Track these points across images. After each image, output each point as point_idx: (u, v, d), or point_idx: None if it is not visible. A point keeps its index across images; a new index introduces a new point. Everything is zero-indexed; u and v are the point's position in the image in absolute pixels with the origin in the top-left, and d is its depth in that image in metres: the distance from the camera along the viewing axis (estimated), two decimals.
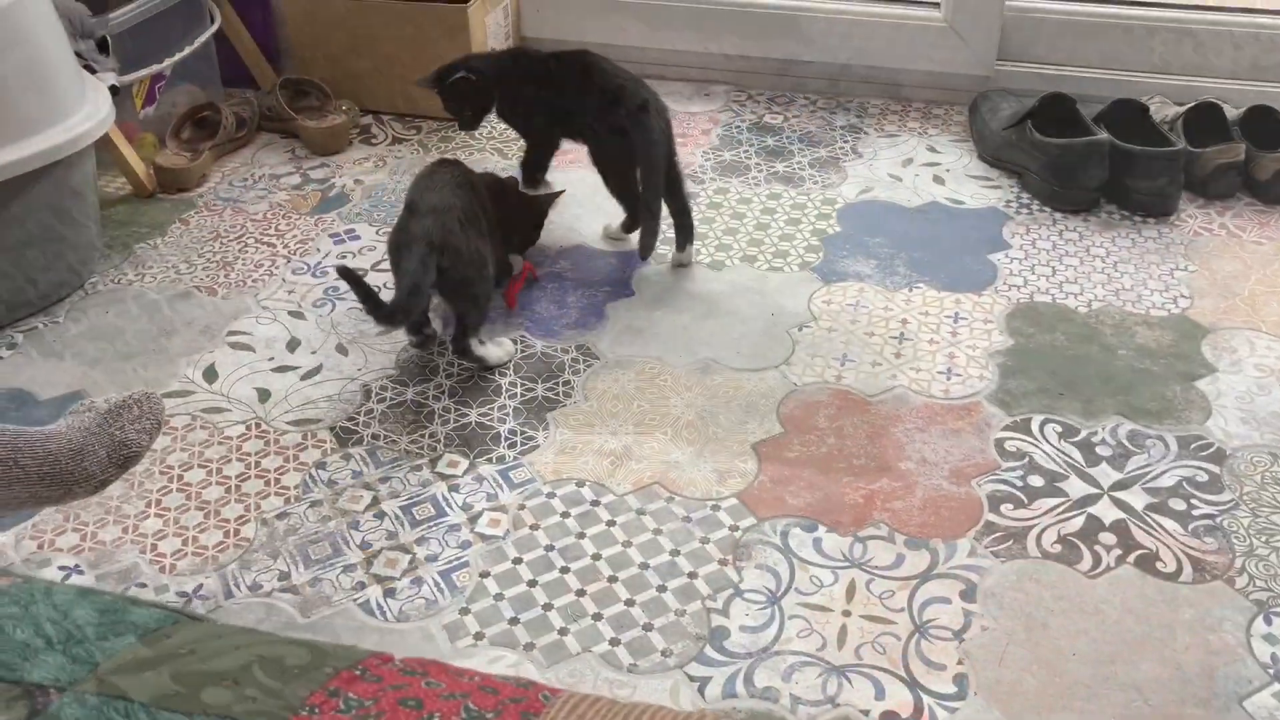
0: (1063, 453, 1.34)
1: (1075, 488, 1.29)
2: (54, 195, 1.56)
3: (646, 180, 1.59)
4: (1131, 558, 1.20)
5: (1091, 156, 1.75)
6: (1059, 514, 1.26)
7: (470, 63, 1.69)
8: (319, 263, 1.71)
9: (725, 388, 1.45)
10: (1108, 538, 1.22)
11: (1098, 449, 1.34)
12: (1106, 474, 1.31)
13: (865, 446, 1.34)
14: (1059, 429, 1.37)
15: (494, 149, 2.00)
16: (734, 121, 2.08)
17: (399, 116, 2.10)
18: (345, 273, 1.36)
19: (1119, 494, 1.28)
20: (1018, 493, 1.28)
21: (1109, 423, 1.38)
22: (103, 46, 1.80)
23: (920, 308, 1.58)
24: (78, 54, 1.70)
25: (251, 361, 1.51)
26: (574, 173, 1.85)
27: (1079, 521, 1.25)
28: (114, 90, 1.72)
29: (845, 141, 2.01)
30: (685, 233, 1.67)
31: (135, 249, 1.75)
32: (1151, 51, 2.02)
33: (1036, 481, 1.30)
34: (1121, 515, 1.25)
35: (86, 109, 1.59)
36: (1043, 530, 1.23)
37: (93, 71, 1.74)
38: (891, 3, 2.11)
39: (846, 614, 1.14)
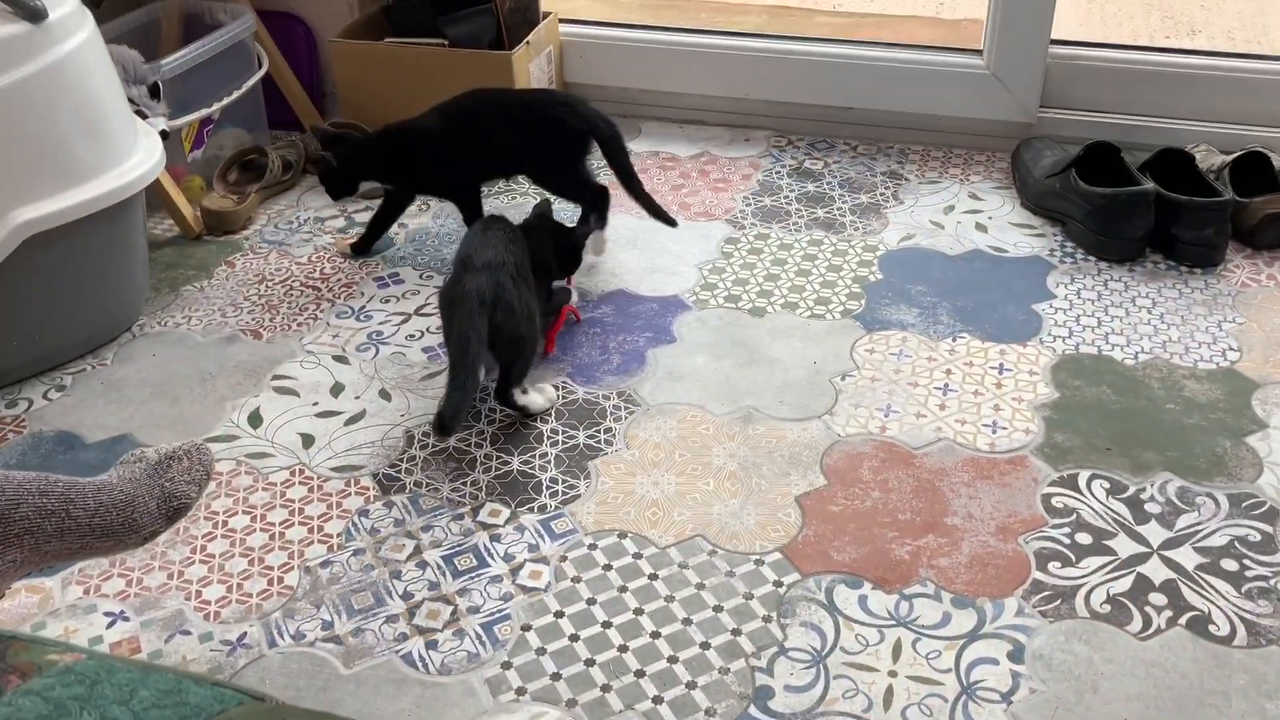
0: (1111, 510, 1.32)
1: (1124, 546, 1.27)
2: (105, 239, 1.59)
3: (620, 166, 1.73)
4: (1183, 620, 1.18)
5: (1137, 206, 1.74)
6: (1108, 573, 1.24)
7: (342, 138, 1.79)
8: (363, 307, 1.72)
9: (767, 437, 1.44)
10: (1158, 598, 1.21)
11: (1146, 506, 1.32)
12: (1156, 532, 1.29)
13: (910, 501, 1.33)
14: (1107, 485, 1.35)
15: (537, 193, 2.01)
16: (774, 167, 2.08)
17: None
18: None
19: (1169, 553, 1.26)
20: (1065, 550, 1.27)
21: (1158, 479, 1.36)
22: (154, 92, 1.83)
23: (964, 358, 1.57)
24: (130, 100, 1.73)
25: (295, 406, 1.52)
26: (616, 218, 1.86)
27: (1128, 581, 1.23)
28: (164, 135, 1.75)
29: (886, 188, 2.00)
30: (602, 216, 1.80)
31: (182, 291, 1.77)
32: (1197, 99, 2.01)
33: (1084, 539, 1.28)
34: (1172, 575, 1.23)
35: (138, 155, 1.61)
36: (1091, 590, 1.22)
37: (144, 117, 1.77)
38: (933, 50, 2.12)
39: (893, 674, 1.13)
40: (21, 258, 1.48)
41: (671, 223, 1.75)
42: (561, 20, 2.21)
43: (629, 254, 1.82)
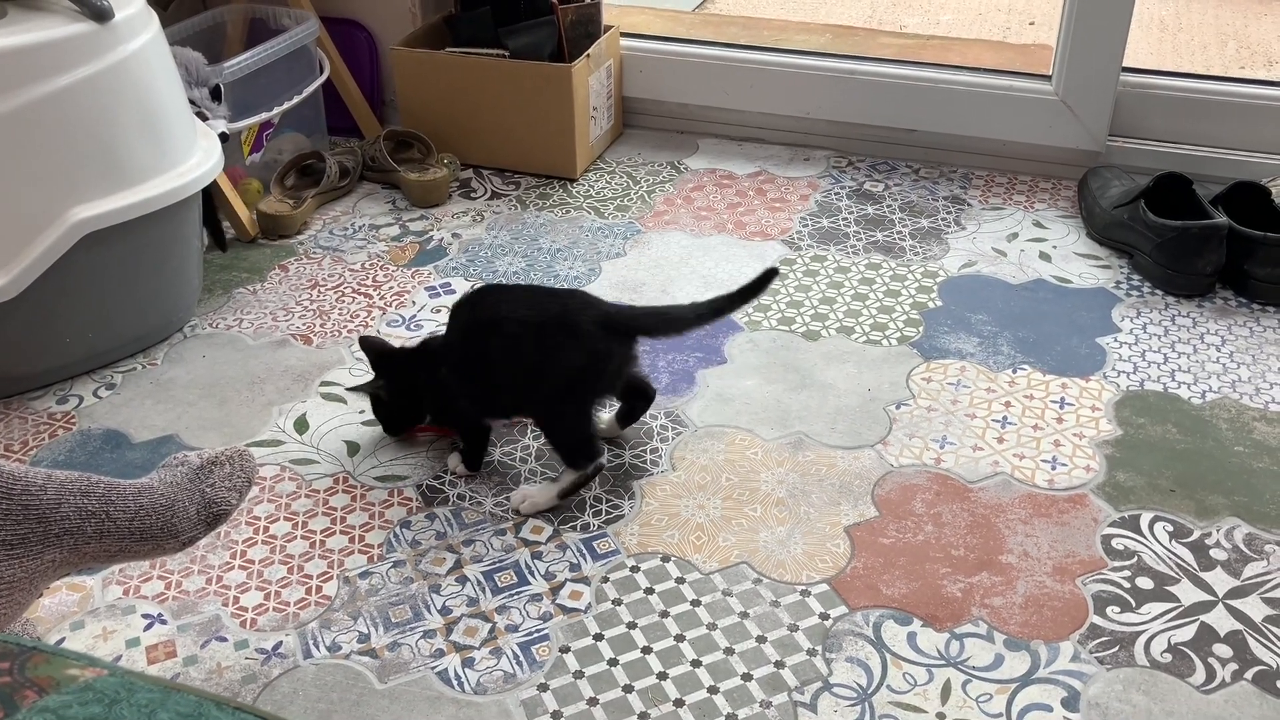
0: (1174, 554, 1.27)
1: (1187, 593, 1.22)
2: (160, 239, 1.59)
3: None
4: (1249, 674, 1.13)
5: (1209, 240, 1.68)
6: (1169, 620, 1.19)
7: None
8: (413, 315, 1.71)
9: (818, 465, 1.41)
10: (1223, 650, 1.15)
11: (1212, 552, 1.27)
12: (1221, 580, 1.23)
13: (964, 536, 1.29)
14: (1170, 528, 1.30)
15: (590, 207, 1.99)
16: (834, 188, 2.05)
17: (499, 171, 2.12)
18: None
19: (1235, 602, 1.21)
20: (1125, 595, 1.22)
21: (1224, 524, 1.31)
22: (216, 94, 1.84)
23: (1024, 390, 1.53)
24: (191, 101, 1.73)
25: (342, 413, 1.51)
26: (668, 235, 1.84)
27: (1191, 630, 1.18)
28: (223, 137, 1.75)
29: (948, 212, 1.96)
30: None
31: (234, 293, 1.78)
32: (1274, 132, 1.95)
33: (1145, 584, 1.23)
34: (1238, 626, 1.18)
35: (197, 156, 1.62)
36: (1152, 637, 1.17)
37: (204, 119, 1.78)
38: (1000, 74, 2.07)
39: (941, 716, 1.09)
40: (77, 256, 1.48)
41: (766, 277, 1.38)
42: (623, 34, 2.20)
43: (679, 272, 1.79)
